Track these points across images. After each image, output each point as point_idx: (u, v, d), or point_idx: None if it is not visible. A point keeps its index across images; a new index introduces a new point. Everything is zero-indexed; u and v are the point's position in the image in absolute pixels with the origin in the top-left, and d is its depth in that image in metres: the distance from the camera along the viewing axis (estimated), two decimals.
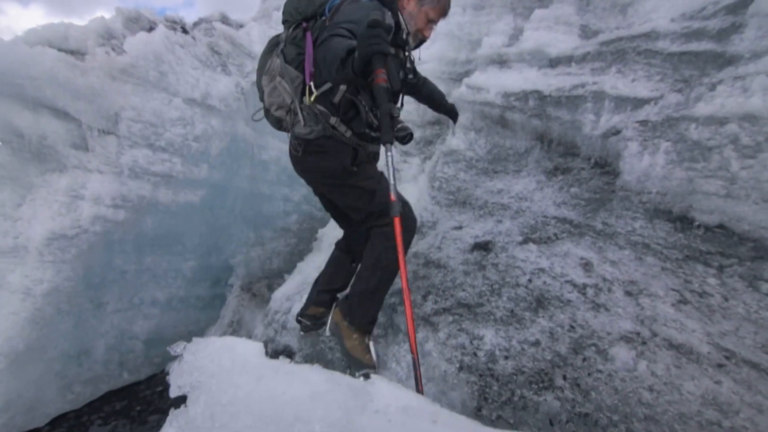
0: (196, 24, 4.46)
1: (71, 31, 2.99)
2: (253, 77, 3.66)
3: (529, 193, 2.56)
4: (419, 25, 1.64)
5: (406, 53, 1.68)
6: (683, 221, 2.04)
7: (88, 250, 2.74)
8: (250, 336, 3.18)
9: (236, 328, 3.94)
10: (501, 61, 3.21)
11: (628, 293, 1.79)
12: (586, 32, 3.00)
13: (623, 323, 1.63)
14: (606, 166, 2.43)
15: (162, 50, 2.92)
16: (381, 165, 1.74)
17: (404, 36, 1.61)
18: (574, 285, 1.84)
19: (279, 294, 2.72)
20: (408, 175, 3.17)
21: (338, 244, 2.07)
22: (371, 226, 1.69)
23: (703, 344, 1.56)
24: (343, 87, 1.53)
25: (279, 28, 4.28)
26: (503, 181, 2.76)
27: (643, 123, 2.17)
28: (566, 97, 2.63)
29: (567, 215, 2.29)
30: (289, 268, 4.08)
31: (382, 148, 1.53)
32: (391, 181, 1.38)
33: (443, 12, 1.67)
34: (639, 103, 2.36)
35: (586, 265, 1.92)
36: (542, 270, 1.93)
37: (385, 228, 1.63)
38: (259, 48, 3.75)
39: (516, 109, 2.81)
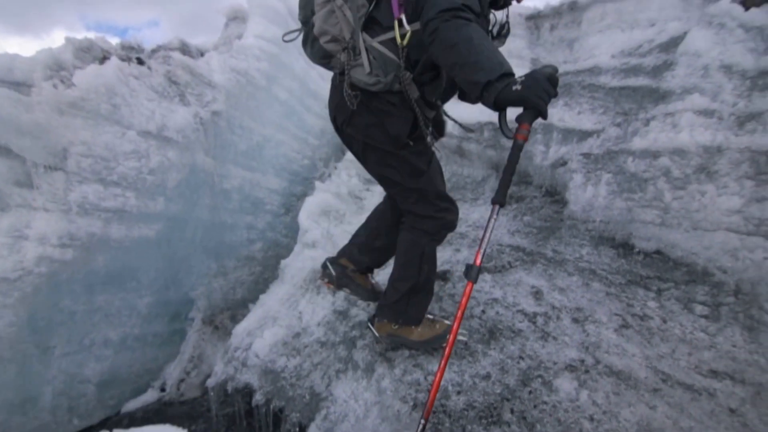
0: (154, 51, 4.47)
1: (16, 63, 2.95)
2: (215, 107, 3.71)
3: (485, 221, 2.70)
4: None
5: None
6: (625, 248, 2.21)
7: (33, 293, 2.65)
8: (210, 373, 3.12)
9: (197, 363, 3.85)
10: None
11: (575, 320, 1.92)
12: (537, 65, 3.24)
13: (569, 351, 1.75)
14: (555, 195, 2.60)
15: (115, 82, 2.92)
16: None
17: None
18: (525, 314, 1.96)
19: (240, 329, 2.71)
20: (370, 204, 3.26)
21: (384, 206, 1.89)
22: (408, 210, 1.62)
23: (642, 368, 1.69)
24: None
25: (240, 59, 4.25)
26: (462, 209, 2.89)
27: (587, 155, 2.36)
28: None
29: (520, 243, 2.43)
30: (253, 297, 4.05)
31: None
32: (483, 247, 1.28)
33: None
34: (584, 135, 2.56)
35: (537, 294, 2.05)
36: (496, 300, 2.04)
37: (425, 221, 1.58)
38: (219, 77, 3.80)
39: (472, 140, 2.98)
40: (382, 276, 2.22)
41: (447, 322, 1.78)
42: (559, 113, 2.74)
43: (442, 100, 1.55)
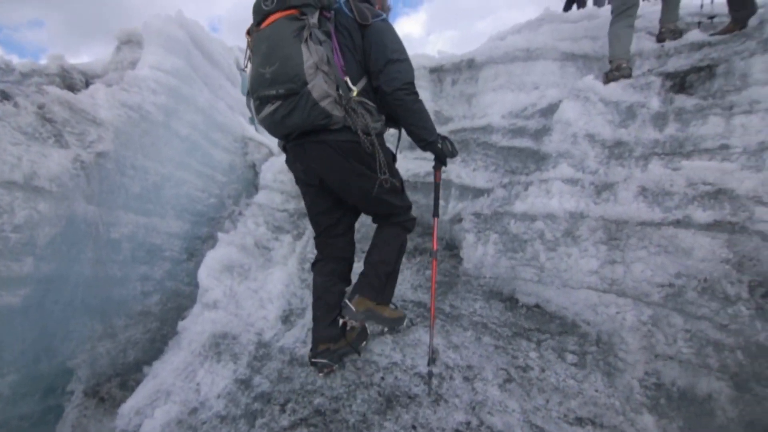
0: (26, 76, 4.10)
1: None
2: (100, 147, 3.51)
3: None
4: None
5: None
6: (511, 301, 2.56)
7: None
8: None
9: None
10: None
11: (466, 378, 2.18)
12: (440, 118, 3.62)
13: (457, 414, 1.98)
14: (454, 249, 2.91)
15: None
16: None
17: None
18: (421, 377, 2.17)
19: (126, 408, 2.58)
20: (278, 255, 3.32)
21: (319, 269, 2.29)
22: (392, 222, 2.21)
23: (519, 425, 1.97)
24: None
25: (132, 92, 4.11)
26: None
27: (478, 215, 2.69)
28: (421, 183, 3.11)
29: (422, 299, 2.68)
30: (149, 357, 3.82)
31: None
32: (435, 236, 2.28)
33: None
34: (477, 192, 2.91)
35: (434, 354, 2.28)
36: (395, 364, 2.22)
37: (405, 223, 2.24)
38: (107, 114, 3.62)
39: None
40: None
41: (405, 316, 2.48)
42: (456, 170, 3.08)
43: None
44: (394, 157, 2.20)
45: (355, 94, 1.79)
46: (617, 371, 2.21)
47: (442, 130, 3.51)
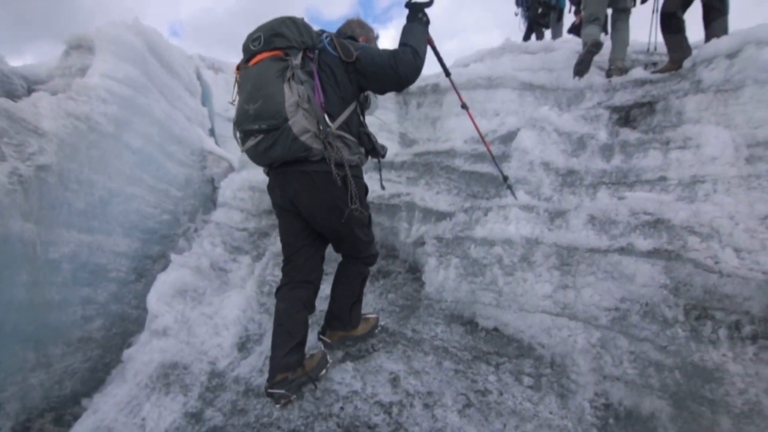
0: None
1: None
2: (41, 160, 3.35)
3: None
4: None
5: None
6: (471, 325, 2.67)
7: None
8: None
9: None
10: None
11: (426, 405, 2.24)
12: (405, 140, 3.76)
13: None
14: (417, 272, 3.01)
15: None
16: None
17: None
18: (382, 405, 2.21)
19: None
20: (236, 278, 3.29)
21: (283, 295, 2.33)
22: (355, 257, 2.38)
23: None
24: (360, 117, 2.18)
25: (80, 101, 3.98)
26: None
27: (440, 239, 2.81)
28: (386, 205, 3.21)
29: (385, 323, 2.74)
30: (89, 388, 3.63)
31: None
32: None
33: None
34: (440, 216, 3.04)
35: (394, 380, 2.34)
36: (355, 393, 2.26)
37: (368, 258, 2.41)
38: (50, 124, 3.48)
39: None
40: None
41: (374, 315, 2.72)
42: (420, 192, 3.21)
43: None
44: (366, 190, 2.32)
45: (334, 129, 1.97)
46: (570, 393, 2.36)
47: (407, 152, 3.65)
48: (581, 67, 3.57)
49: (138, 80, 4.40)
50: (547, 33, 5.97)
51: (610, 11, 3.73)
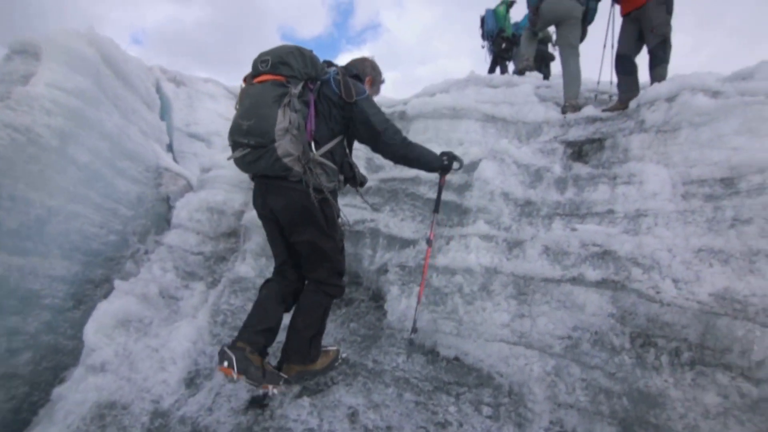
0: None
1: None
2: None
3: None
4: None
5: None
6: (433, 354, 2.75)
7: None
8: None
9: None
10: None
11: None
12: (372, 165, 3.87)
13: None
14: (380, 300, 3.08)
15: None
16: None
17: None
18: None
19: None
20: (188, 306, 3.21)
21: (267, 286, 2.48)
22: (318, 279, 2.43)
23: None
24: (345, 148, 2.42)
25: (20, 111, 3.82)
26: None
27: (403, 267, 2.91)
28: (350, 231, 3.27)
29: (345, 354, 2.76)
30: None
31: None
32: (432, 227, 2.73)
33: (378, 93, 2.84)
34: (404, 243, 3.14)
35: (353, 416, 2.36)
36: (311, 430, 2.26)
37: (330, 287, 2.44)
38: None
39: None
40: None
41: (335, 348, 2.71)
42: (385, 219, 3.31)
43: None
44: (338, 214, 2.46)
45: (317, 156, 2.20)
46: (527, 422, 2.47)
47: (373, 177, 3.75)
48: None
49: (89, 92, 4.27)
50: (511, 66, 6.40)
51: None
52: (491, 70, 6.33)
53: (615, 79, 4.18)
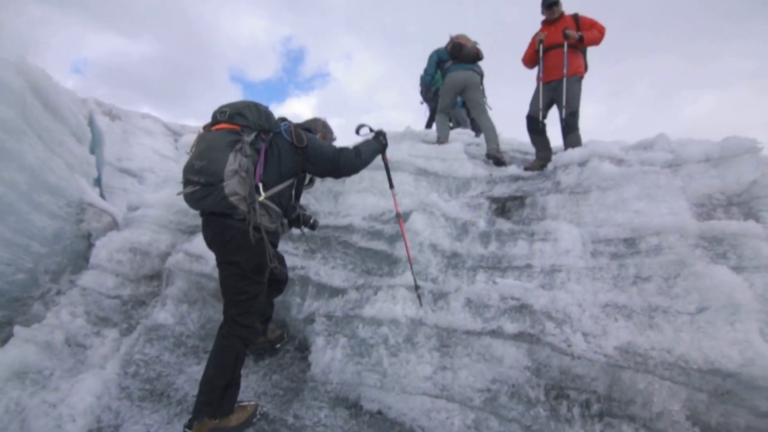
0: None
1: None
2: None
3: None
4: None
5: None
6: (356, 408, 2.67)
7: None
8: None
9: None
10: None
11: None
12: (307, 211, 3.86)
13: None
14: (306, 350, 2.99)
15: None
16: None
17: None
18: None
19: None
20: (96, 356, 2.94)
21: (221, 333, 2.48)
22: (234, 320, 2.42)
23: None
24: (292, 193, 2.62)
25: None
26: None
27: (329, 317, 2.86)
28: None
29: (265, 409, 2.62)
30: None
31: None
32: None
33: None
34: (333, 292, 3.11)
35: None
36: None
37: (244, 329, 2.43)
38: None
39: None
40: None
41: (253, 403, 2.59)
42: (315, 266, 3.28)
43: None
44: (270, 259, 2.45)
45: (262, 197, 2.34)
46: None
47: None
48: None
49: (11, 122, 4.01)
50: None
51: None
52: (428, 126, 6.71)
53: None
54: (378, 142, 2.89)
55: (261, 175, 2.37)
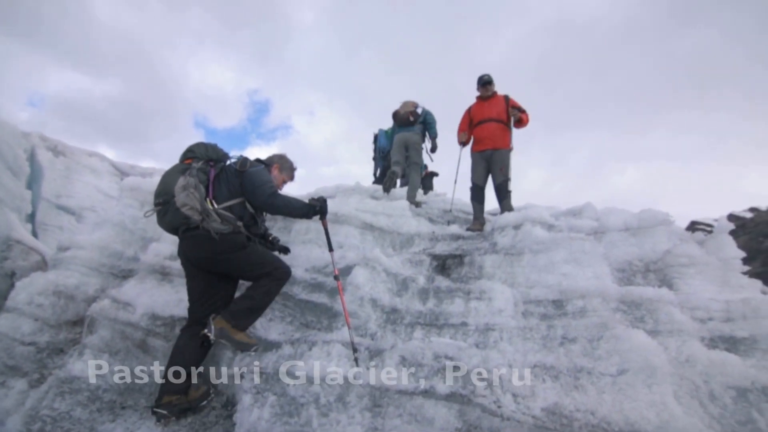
0: None
1: None
2: None
3: None
4: (278, 185, 3.34)
5: None
6: None
7: None
8: None
9: None
10: (163, 273, 3.49)
11: None
12: None
13: None
14: (232, 408, 2.80)
15: None
16: None
17: None
18: None
19: None
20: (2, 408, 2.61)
21: (187, 330, 2.91)
22: (267, 274, 2.94)
23: None
24: (248, 206, 3.03)
25: None
26: (128, 422, 2.69)
27: (260, 373, 2.72)
28: None
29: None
30: None
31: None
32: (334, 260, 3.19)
33: (292, 178, 3.49)
34: (268, 345, 2.98)
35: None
36: None
37: (275, 275, 2.96)
38: None
39: (160, 336, 3.00)
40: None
41: (256, 343, 2.93)
42: None
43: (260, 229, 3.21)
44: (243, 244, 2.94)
45: (216, 207, 2.81)
46: None
47: None
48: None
49: None
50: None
51: None
52: (378, 182, 6.99)
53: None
54: (311, 206, 3.06)
55: (212, 191, 2.86)
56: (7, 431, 2.53)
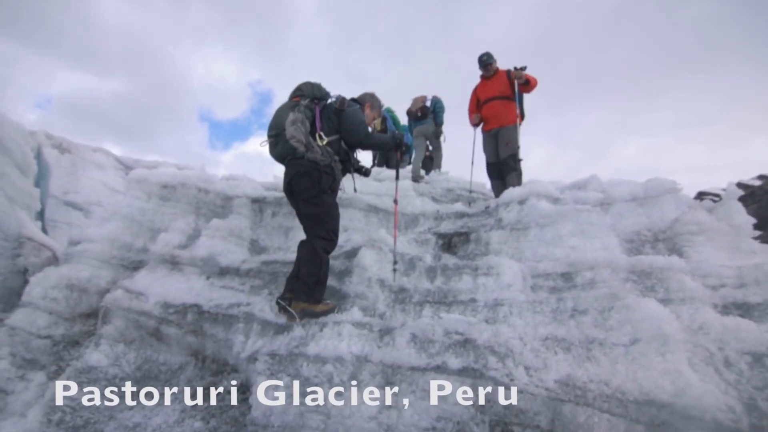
0: None
1: None
2: None
3: (168, 427, 2.56)
4: (369, 122, 3.45)
5: None
6: None
7: None
8: None
9: None
10: (173, 263, 3.46)
11: None
12: (255, 247, 3.74)
13: None
14: (247, 391, 2.78)
15: None
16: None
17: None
18: None
19: None
20: (19, 402, 2.61)
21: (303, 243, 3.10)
22: (315, 235, 3.03)
23: None
24: (343, 144, 3.22)
25: None
26: (146, 409, 2.68)
27: (273, 356, 2.69)
28: (223, 315, 3.02)
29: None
30: None
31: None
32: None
33: (380, 115, 3.71)
34: (279, 329, 2.95)
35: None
36: None
37: (325, 241, 3.03)
38: None
39: (173, 324, 2.97)
40: None
41: (331, 303, 3.07)
42: (261, 302, 3.12)
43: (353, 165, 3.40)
44: (332, 188, 3.17)
45: (318, 141, 3.03)
46: None
47: (255, 259, 3.60)
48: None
49: None
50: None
51: None
52: (379, 164, 6.91)
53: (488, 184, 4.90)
54: (395, 139, 3.28)
55: (320, 127, 3.08)
56: (28, 423, 2.53)
